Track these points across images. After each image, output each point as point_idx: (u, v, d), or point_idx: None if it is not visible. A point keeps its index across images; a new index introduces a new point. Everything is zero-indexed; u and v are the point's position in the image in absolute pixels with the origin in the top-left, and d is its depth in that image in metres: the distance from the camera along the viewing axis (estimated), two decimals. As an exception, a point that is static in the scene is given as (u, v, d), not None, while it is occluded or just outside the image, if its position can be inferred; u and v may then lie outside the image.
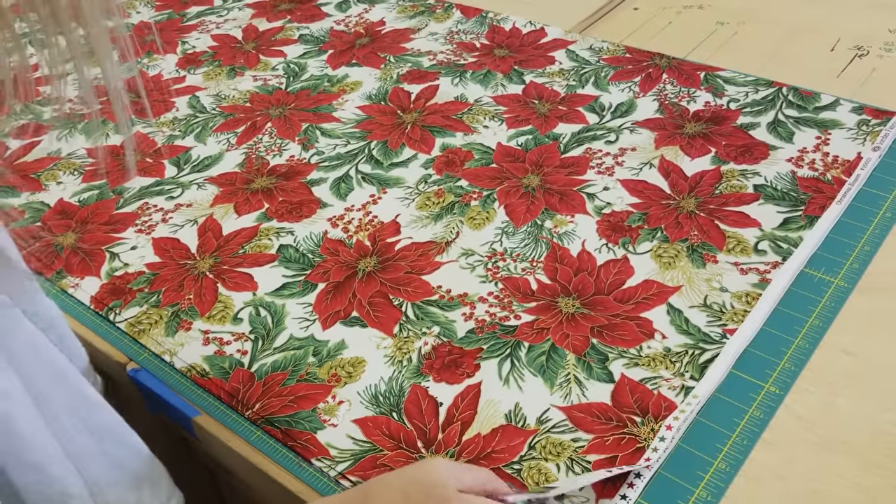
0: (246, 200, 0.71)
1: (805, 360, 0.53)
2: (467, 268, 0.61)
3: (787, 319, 0.55)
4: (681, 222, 0.64)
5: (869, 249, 0.61)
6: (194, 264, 0.65)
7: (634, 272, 0.60)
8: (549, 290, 0.59)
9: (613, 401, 0.50)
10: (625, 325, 0.55)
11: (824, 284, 0.58)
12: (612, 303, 0.57)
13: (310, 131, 0.80)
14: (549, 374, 0.52)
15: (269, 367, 0.55)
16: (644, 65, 0.85)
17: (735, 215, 0.64)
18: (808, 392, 0.51)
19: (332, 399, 0.52)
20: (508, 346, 0.55)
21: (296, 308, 0.59)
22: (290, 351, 0.56)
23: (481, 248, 0.63)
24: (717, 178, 0.68)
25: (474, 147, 0.75)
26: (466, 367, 0.53)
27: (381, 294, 0.60)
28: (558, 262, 0.61)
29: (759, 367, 0.52)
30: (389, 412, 0.51)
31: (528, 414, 0.50)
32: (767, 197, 0.65)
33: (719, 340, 0.54)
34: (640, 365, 0.53)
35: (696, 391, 0.50)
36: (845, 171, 0.67)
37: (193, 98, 0.87)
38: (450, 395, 0.52)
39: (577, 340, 0.55)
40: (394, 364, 0.54)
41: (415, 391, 0.52)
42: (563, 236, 0.64)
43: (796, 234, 0.61)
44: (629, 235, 0.63)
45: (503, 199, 0.68)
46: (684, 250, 0.61)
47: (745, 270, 0.59)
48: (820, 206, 0.64)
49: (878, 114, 0.74)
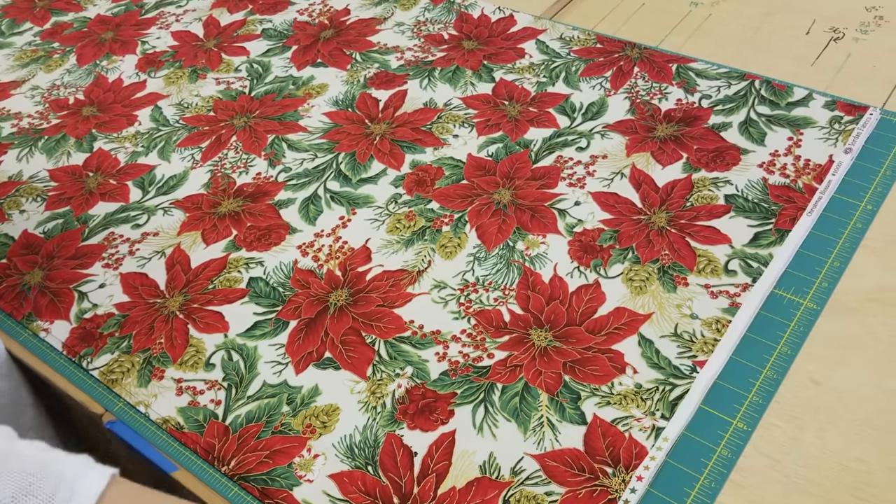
0: (213, 227, 0.70)
1: (772, 392, 0.53)
2: (440, 302, 0.61)
3: (756, 347, 0.56)
4: (652, 240, 0.64)
5: (839, 266, 0.61)
6: (164, 303, 0.64)
7: (606, 299, 0.60)
8: (521, 321, 0.59)
9: (586, 446, 0.51)
10: (597, 360, 0.56)
11: (793, 306, 0.58)
12: (584, 334, 0.58)
13: (276, 144, 0.78)
14: (523, 418, 0.53)
15: (244, 418, 0.55)
16: (615, 56, 0.83)
17: (706, 231, 0.64)
18: (775, 427, 0.52)
19: (308, 452, 0.53)
20: (482, 389, 0.55)
21: (268, 350, 0.59)
22: (264, 399, 0.56)
23: (453, 280, 0.63)
24: (688, 188, 0.68)
25: (444, 162, 0.73)
26: (440, 413, 0.54)
27: (354, 331, 0.60)
28: (530, 289, 0.61)
29: (727, 401, 0.53)
30: (365, 465, 0.52)
31: (503, 464, 0.51)
32: (738, 209, 0.65)
33: (689, 375, 0.54)
34: (611, 404, 0.53)
35: (666, 433, 0.51)
36: (816, 178, 0.67)
37: (156, 109, 0.85)
38: (424, 444, 0.52)
39: (549, 378, 0.55)
40: (368, 411, 0.55)
41: (389, 441, 0.53)
42: (535, 259, 0.64)
43: (766, 252, 0.61)
44: (600, 257, 0.63)
45: (474, 220, 0.68)
46: (655, 272, 0.61)
47: (716, 294, 0.59)
48: (790, 218, 0.64)
49: (850, 109, 0.73)
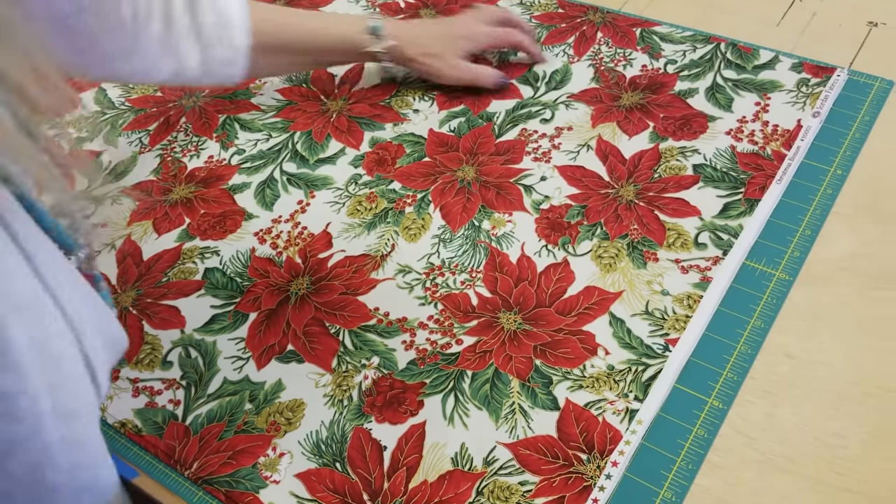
0: (165, 215, 0.67)
1: (747, 368, 0.52)
2: (405, 287, 0.59)
3: (729, 322, 0.55)
4: (620, 215, 0.62)
5: (810, 234, 0.60)
6: (116, 298, 0.61)
7: (575, 278, 0.58)
8: (489, 304, 0.57)
9: (559, 432, 0.50)
10: (568, 342, 0.54)
11: (765, 278, 0.57)
12: (555, 316, 0.56)
13: (228, 125, 0.75)
14: (494, 406, 0.51)
15: (205, 417, 0.53)
16: (578, 21, 0.81)
17: (675, 203, 0.62)
18: (750, 404, 0.51)
19: (273, 451, 0.51)
20: (451, 378, 0.53)
21: (227, 345, 0.57)
22: (226, 397, 0.54)
23: (418, 264, 0.60)
24: (655, 158, 0.66)
25: (405, 139, 0.71)
26: (409, 405, 0.52)
27: (317, 321, 0.58)
28: (498, 270, 0.59)
29: (701, 379, 0.52)
30: (333, 462, 0.50)
31: (475, 454, 0.49)
32: (707, 179, 0.64)
33: (662, 354, 0.53)
34: (584, 387, 0.52)
35: (641, 415, 0.50)
36: (785, 144, 0.65)
37: (100, 92, 0.81)
38: (393, 437, 0.51)
39: (520, 363, 0.53)
40: (334, 404, 0.53)
41: (357, 435, 0.51)
42: (502, 239, 0.62)
43: (736, 223, 0.60)
44: (568, 234, 0.61)
45: (438, 199, 0.65)
46: (624, 248, 0.60)
47: (686, 269, 0.58)
48: (759, 186, 0.62)
49: (817, 71, 0.71)
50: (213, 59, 0.63)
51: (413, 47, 0.71)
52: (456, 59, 0.72)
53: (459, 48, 0.72)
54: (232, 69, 0.65)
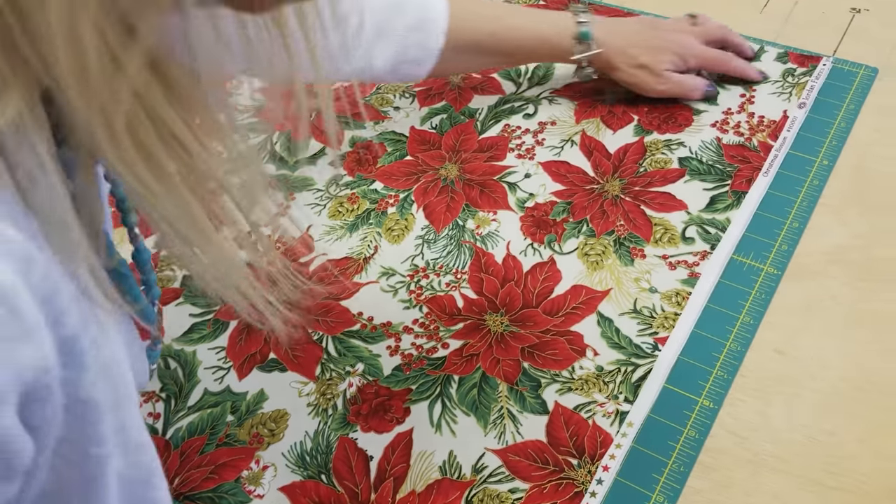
0: (143, 221, 0.65)
1: (737, 366, 0.52)
2: (389, 290, 0.58)
3: (718, 319, 0.54)
4: (606, 211, 0.61)
5: (797, 226, 0.59)
6: (92, 309, 0.60)
7: (562, 277, 0.57)
8: (475, 306, 0.56)
9: (549, 436, 0.49)
10: (555, 343, 0.53)
11: (753, 273, 0.57)
12: (542, 316, 0.55)
13: (204, 127, 0.73)
14: (482, 411, 0.50)
15: (185, 431, 0.52)
16: (559, 13, 0.80)
17: (661, 197, 0.61)
18: (741, 403, 0.50)
19: (257, 465, 0.50)
20: (438, 383, 0.52)
21: (208, 355, 0.56)
22: (207, 409, 0.53)
23: (402, 266, 0.59)
24: (640, 152, 0.65)
25: (386, 137, 0.69)
26: (395, 412, 0.51)
27: (299, 327, 0.56)
28: (483, 271, 0.58)
29: (691, 378, 0.51)
30: (318, 474, 0.49)
31: (463, 462, 0.48)
32: (693, 172, 0.63)
33: (651, 353, 0.52)
34: (573, 390, 0.51)
35: (631, 417, 0.49)
36: (771, 135, 0.65)
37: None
38: (380, 447, 0.50)
39: (507, 366, 0.52)
40: (318, 414, 0.52)
41: (343, 445, 0.50)
42: (487, 238, 0.60)
43: (724, 216, 0.59)
44: (554, 232, 0.60)
45: (421, 199, 0.64)
46: (611, 245, 0.59)
47: (674, 265, 0.57)
48: (746, 179, 0.62)
49: (803, 60, 0.71)
50: (405, 59, 0.60)
51: (620, 56, 0.66)
52: (663, 70, 0.66)
53: (668, 61, 0.66)
54: (419, 70, 0.62)
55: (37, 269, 0.24)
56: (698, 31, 0.68)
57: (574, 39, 0.66)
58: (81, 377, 0.27)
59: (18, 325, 0.24)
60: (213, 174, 0.27)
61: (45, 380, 0.25)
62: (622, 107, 0.69)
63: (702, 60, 0.67)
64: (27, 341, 0.24)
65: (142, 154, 0.25)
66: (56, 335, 0.26)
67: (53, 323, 0.25)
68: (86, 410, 0.28)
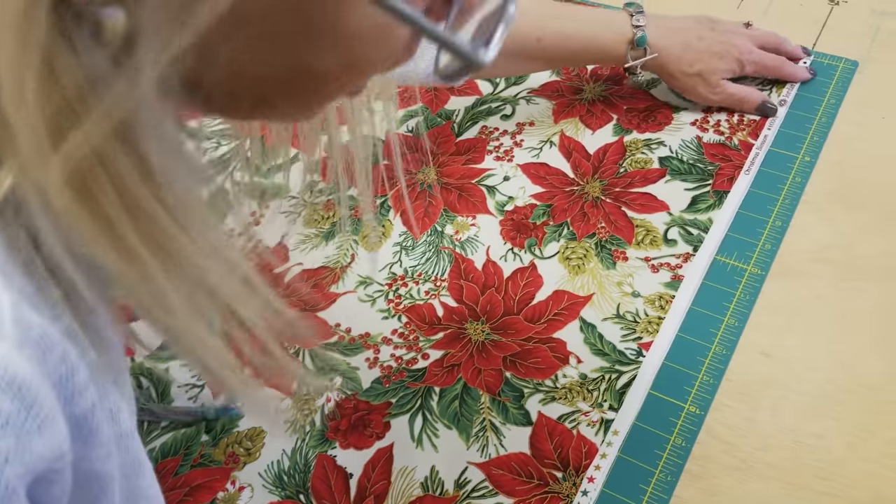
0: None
1: (723, 370, 0.51)
2: (367, 300, 0.56)
3: (702, 322, 0.53)
4: (587, 213, 0.60)
5: (780, 225, 0.58)
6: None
7: (543, 282, 0.56)
8: (456, 314, 0.55)
9: (532, 448, 0.48)
10: (538, 351, 0.52)
11: (737, 273, 0.56)
12: (524, 323, 0.54)
13: (175, 134, 0.71)
14: (464, 424, 0.49)
15: (159, 452, 0.50)
16: None
17: (642, 198, 0.60)
18: (727, 408, 0.49)
19: (233, 486, 0.48)
20: (418, 396, 0.51)
21: (181, 373, 0.54)
22: (180, 429, 0.51)
23: (380, 275, 0.58)
24: (620, 152, 0.64)
25: (360, 142, 0.68)
26: (375, 427, 0.50)
27: (275, 343, 0.55)
28: (463, 277, 0.57)
29: (677, 383, 0.50)
30: (296, 493, 0.47)
31: (446, 477, 0.47)
32: (674, 172, 0.62)
33: (635, 360, 0.51)
34: (556, 399, 0.50)
35: (616, 425, 0.48)
36: (752, 133, 0.64)
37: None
38: (359, 463, 0.48)
39: (489, 376, 0.51)
40: (296, 431, 0.50)
41: (321, 462, 0.48)
42: (466, 244, 0.59)
43: (706, 217, 0.58)
44: (534, 235, 0.59)
45: (398, 204, 0.63)
46: (593, 248, 0.58)
47: (657, 267, 0.56)
48: (728, 177, 0.61)
49: (781, 55, 0.70)
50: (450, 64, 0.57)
51: (676, 62, 0.63)
52: (718, 80, 0.63)
53: (725, 70, 0.63)
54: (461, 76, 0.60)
55: (55, 351, 0.24)
56: (756, 36, 0.66)
57: (629, 45, 0.63)
58: (93, 452, 0.27)
59: (33, 418, 0.23)
60: (186, 257, 0.25)
61: (56, 465, 0.24)
62: (601, 105, 0.68)
63: (760, 67, 0.65)
64: (41, 434, 0.23)
65: (100, 222, 0.23)
66: (70, 413, 0.25)
67: (67, 402, 0.25)
68: (96, 483, 0.27)
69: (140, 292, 0.25)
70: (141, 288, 0.24)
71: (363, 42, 0.25)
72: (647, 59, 0.63)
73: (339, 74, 0.27)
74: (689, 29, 0.64)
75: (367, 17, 0.24)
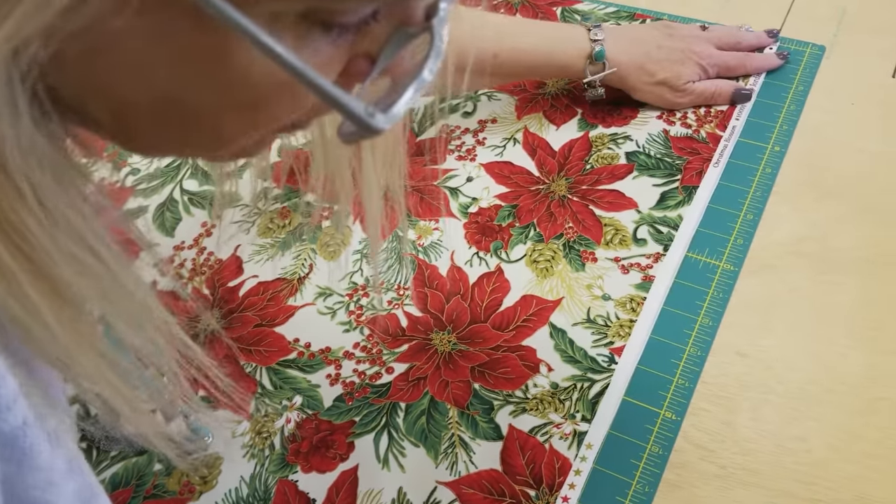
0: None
1: (698, 373, 0.49)
2: (327, 313, 0.54)
3: (676, 322, 0.51)
4: (553, 213, 0.58)
5: (752, 218, 0.56)
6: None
7: (511, 287, 0.54)
8: (420, 324, 0.52)
9: (504, 465, 0.45)
10: (507, 360, 0.50)
11: (710, 270, 0.54)
12: (492, 331, 0.51)
13: (121, 143, 0.68)
14: (432, 441, 0.47)
15: (108, 483, 0.47)
16: (495, 3, 0.76)
17: (610, 195, 0.58)
18: (705, 412, 0.47)
19: (188, 518, 0.45)
20: (383, 413, 0.48)
21: (131, 397, 0.51)
22: (132, 458, 0.48)
23: (340, 285, 0.55)
24: (586, 148, 0.62)
25: (315, 145, 0.65)
26: (338, 448, 0.47)
27: (229, 360, 0.52)
28: (427, 285, 0.55)
29: (651, 388, 0.48)
30: (256, 524, 0.45)
31: (414, 499, 0.45)
32: (641, 167, 0.60)
33: (607, 367, 0.49)
34: (527, 410, 0.48)
35: (590, 438, 0.46)
36: (720, 125, 0.62)
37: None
38: (323, 488, 0.46)
39: (457, 389, 0.49)
40: (254, 456, 0.47)
41: (282, 489, 0.46)
42: (430, 249, 0.57)
43: (675, 213, 0.56)
44: (500, 238, 0.57)
45: (357, 209, 0.60)
46: (560, 249, 0.55)
47: (627, 268, 0.54)
48: (696, 171, 0.59)
49: (746, 42, 0.68)
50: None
51: (638, 74, 0.61)
52: (684, 84, 0.61)
53: (689, 73, 0.61)
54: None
55: None
56: (713, 37, 0.64)
57: (587, 59, 0.61)
58: (30, 478, 0.25)
59: None
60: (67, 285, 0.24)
61: None
62: (564, 100, 0.66)
63: (722, 68, 0.63)
64: None
65: None
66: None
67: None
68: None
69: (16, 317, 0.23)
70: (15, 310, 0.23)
71: (253, 88, 0.24)
72: (607, 73, 0.60)
73: (221, 115, 0.25)
74: (648, 39, 0.62)
75: (254, 64, 0.23)
